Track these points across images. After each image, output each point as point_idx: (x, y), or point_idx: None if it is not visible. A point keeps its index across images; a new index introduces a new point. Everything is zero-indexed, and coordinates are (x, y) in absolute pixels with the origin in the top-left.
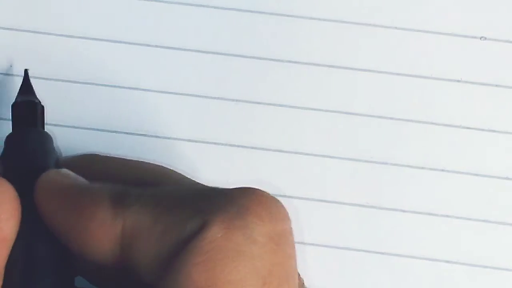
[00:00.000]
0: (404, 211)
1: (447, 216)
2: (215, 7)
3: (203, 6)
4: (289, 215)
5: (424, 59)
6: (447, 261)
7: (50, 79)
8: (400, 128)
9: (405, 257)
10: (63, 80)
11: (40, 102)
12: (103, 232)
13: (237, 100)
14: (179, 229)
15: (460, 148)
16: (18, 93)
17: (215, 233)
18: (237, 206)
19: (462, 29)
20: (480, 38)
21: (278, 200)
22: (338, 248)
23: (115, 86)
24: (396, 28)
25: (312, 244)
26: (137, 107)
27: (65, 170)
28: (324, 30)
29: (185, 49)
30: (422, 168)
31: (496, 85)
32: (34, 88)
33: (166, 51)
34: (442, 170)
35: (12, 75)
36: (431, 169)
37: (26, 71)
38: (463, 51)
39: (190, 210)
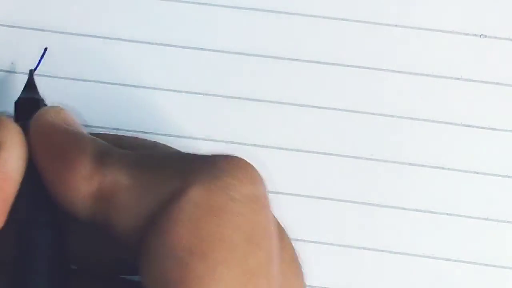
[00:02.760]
0: (404, 209)
1: (448, 214)
2: (217, 5)
3: (205, 4)
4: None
5: (424, 57)
6: (448, 259)
7: (53, 77)
8: (400, 125)
9: (406, 255)
10: (65, 78)
11: (43, 99)
12: (79, 185)
13: (238, 98)
14: (159, 190)
15: (460, 146)
16: (22, 91)
17: (197, 193)
18: (218, 169)
19: (462, 27)
20: (480, 36)
21: (257, 169)
22: (338, 245)
23: (118, 84)
24: (396, 26)
25: (312, 242)
26: (139, 105)
27: (63, 111)
28: (325, 28)
29: (186, 47)
30: (422, 166)
31: (496, 83)
32: (37, 86)
33: (166, 49)
34: (442, 168)
35: (14, 72)
36: (431, 166)
37: (31, 71)
38: (463, 49)
39: (170, 172)
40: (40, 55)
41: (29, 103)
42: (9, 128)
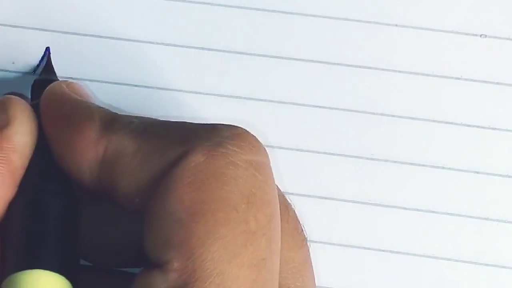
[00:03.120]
0: (405, 208)
1: (448, 213)
2: (217, 5)
3: (205, 4)
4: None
5: (425, 57)
6: (448, 259)
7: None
8: (401, 125)
9: (406, 255)
10: (65, 78)
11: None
12: (85, 150)
13: (238, 98)
14: (161, 155)
15: (461, 145)
16: (40, 74)
17: (198, 158)
18: (219, 136)
19: (463, 27)
20: (481, 36)
21: (259, 140)
22: (338, 245)
23: (118, 84)
24: (396, 25)
25: (313, 242)
26: (140, 105)
27: (74, 84)
28: (326, 28)
29: (186, 47)
30: (423, 165)
31: (497, 83)
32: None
33: (167, 49)
34: (443, 168)
35: (15, 72)
36: (432, 166)
37: (47, 48)
38: (463, 49)
39: (173, 138)
40: (42, 54)
41: (46, 84)
42: (18, 105)
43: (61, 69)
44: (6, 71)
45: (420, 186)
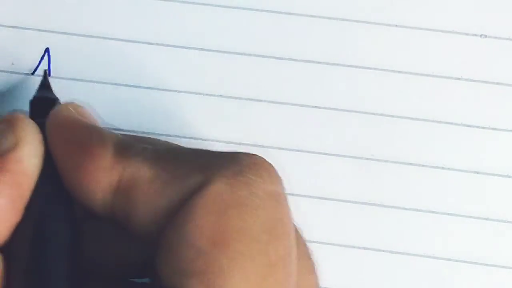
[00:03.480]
0: (405, 208)
1: (448, 214)
2: (217, 5)
3: (205, 4)
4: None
5: (425, 57)
6: (449, 259)
7: (53, 77)
8: (400, 125)
9: (406, 255)
10: (65, 78)
11: (58, 98)
12: (98, 177)
13: (238, 98)
14: (180, 183)
15: (460, 146)
16: (36, 90)
17: (220, 187)
18: (239, 165)
19: (463, 27)
20: (481, 36)
21: (276, 169)
22: (338, 245)
23: (118, 85)
24: (396, 26)
25: (313, 242)
26: (141, 105)
27: (81, 107)
28: (325, 28)
29: (186, 48)
30: (423, 165)
31: (497, 83)
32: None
33: (167, 49)
34: (443, 168)
35: (14, 73)
36: (431, 166)
37: (45, 71)
38: (463, 49)
39: (192, 166)
40: (41, 55)
41: (44, 102)
42: (27, 125)
43: (60, 70)
44: (5, 71)
45: (420, 186)
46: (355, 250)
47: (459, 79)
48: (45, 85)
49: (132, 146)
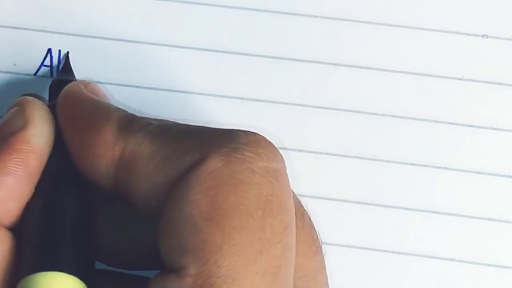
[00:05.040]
0: (407, 209)
1: (450, 214)
2: (220, 6)
3: (205, 5)
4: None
5: (426, 57)
6: (450, 259)
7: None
8: (403, 126)
9: (409, 255)
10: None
11: (76, 80)
12: (102, 151)
13: (237, 98)
14: (179, 159)
15: (463, 146)
16: (58, 73)
17: (215, 163)
18: (237, 142)
19: (464, 27)
20: (482, 36)
21: (276, 147)
22: (341, 246)
23: (119, 85)
24: (398, 26)
25: None
26: (141, 105)
27: (92, 84)
28: (327, 28)
29: (186, 48)
30: (425, 166)
31: (499, 83)
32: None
33: (168, 50)
34: (445, 168)
35: (16, 73)
36: (434, 167)
37: (67, 54)
38: (465, 49)
39: (190, 143)
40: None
41: (63, 85)
42: (36, 106)
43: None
44: (7, 72)
45: (422, 187)
46: (357, 250)
47: (460, 79)
48: (66, 68)
49: (136, 121)
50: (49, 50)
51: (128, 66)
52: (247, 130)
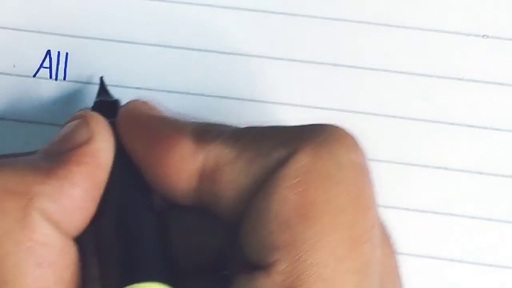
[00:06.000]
0: (407, 209)
1: (451, 214)
2: (220, 6)
3: (205, 5)
4: None
5: (426, 58)
6: (451, 260)
7: (53, 79)
8: (403, 126)
9: (409, 256)
10: (67, 81)
11: (118, 100)
12: (182, 166)
13: (240, 99)
14: (264, 159)
15: (463, 146)
16: (96, 96)
17: (305, 158)
18: (323, 136)
19: (464, 27)
20: (482, 36)
21: (357, 139)
22: None
23: (119, 86)
24: (398, 26)
25: None
26: None
27: (148, 101)
28: (328, 29)
29: (186, 48)
30: (425, 166)
31: (499, 83)
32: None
33: (170, 50)
34: (445, 169)
35: (15, 75)
36: (434, 167)
37: (101, 78)
38: (465, 50)
39: (275, 141)
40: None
41: (105, 105)
42: (100, 121)
43: (61, 71)
44: (7, 74)
45: (422, 187)
46: None
47: (461, 79)
48: (103, 90)
49: (210, 130)
50: (48, 52)
51: (128, 67)
52: (330, 123)
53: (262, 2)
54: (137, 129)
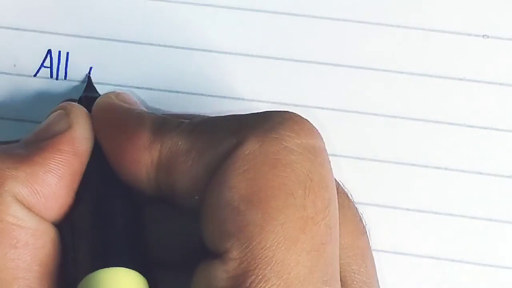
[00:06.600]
0: (408, 209)
1: (451, 214)
2: (219, 6)
3: (205, 5)
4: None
5: (427, 58)
6: (451, 260)
7: (53, 78)
8: (403, 126)
9: (409, 256)
10: (67, 80)
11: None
12: (140, 156)
13: (241, 99)
14: (214, 149)
15: (463, 146)
16: (83, 91)
17: (252, 145)
18: (271, 122)
19: (465, 28)
20: (483, 37)
21: (311, 123)
22: None
23: (119, 86)
24: (398, 26)
25: None
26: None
27: (122, 94)
28: (325, 28)
29: (186, 49)
30: (426, 166)
31: (500, 84)
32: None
33: (170, 50)
34: (446, 169)
35: (16, 75)
36: (435, 167)
37: (89, 76)
38: (466, 50)
39: (225, 131)
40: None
41: (90, 100)
42: (79, 112)
43: (61, 71)
44: (7, 73)
45: (422, 187)
46: None
47: (461, 79)
48: (89, 86)
49: (167, 122)
50: (49, 51)
51: (128, 67)
52: (279, 110)
53: (262, 2)
54: (104, 120)
